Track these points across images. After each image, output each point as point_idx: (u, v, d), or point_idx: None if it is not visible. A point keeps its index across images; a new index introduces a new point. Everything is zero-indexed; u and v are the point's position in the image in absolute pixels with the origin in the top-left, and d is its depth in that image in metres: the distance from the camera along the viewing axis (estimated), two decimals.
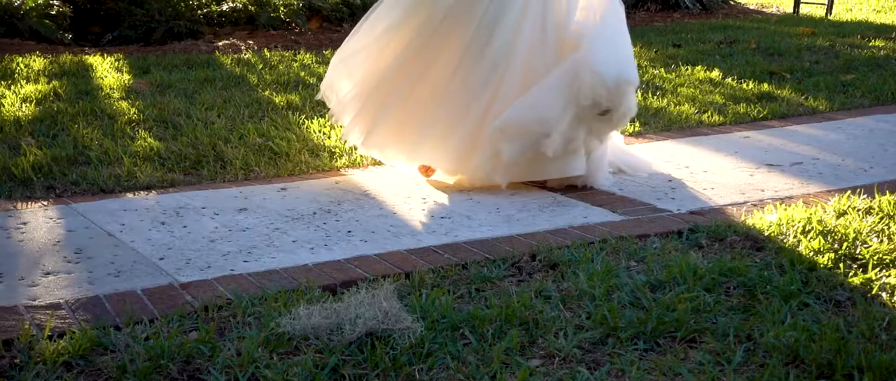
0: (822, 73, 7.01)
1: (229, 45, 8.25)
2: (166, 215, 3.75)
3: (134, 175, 4.25)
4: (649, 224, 3.67)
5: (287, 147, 4.73)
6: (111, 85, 6.12)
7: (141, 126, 5.09)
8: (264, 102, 5.74)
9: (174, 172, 4.36)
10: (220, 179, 4.32)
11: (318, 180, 4.31)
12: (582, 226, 3.66)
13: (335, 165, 4.57)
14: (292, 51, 7.91)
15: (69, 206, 3.85)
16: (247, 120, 5.29)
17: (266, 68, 6.95)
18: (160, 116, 5.28)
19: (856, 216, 3.67)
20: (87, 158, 4.50)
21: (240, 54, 7.64)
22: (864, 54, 7.84)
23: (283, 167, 4.47)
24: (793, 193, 4.13)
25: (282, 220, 3.71)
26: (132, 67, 6.86)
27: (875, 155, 4.76)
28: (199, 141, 4.80)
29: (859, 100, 6.04)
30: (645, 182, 4.27)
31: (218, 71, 6.73)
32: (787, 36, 9.01)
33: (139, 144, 4.73)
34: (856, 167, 4.54)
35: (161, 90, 6.03)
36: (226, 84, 6.25)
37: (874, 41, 8.66)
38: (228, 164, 4.48)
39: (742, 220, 3.66)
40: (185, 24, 8.63)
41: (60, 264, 3.20)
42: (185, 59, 7.27)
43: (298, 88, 6.20)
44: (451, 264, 3.21)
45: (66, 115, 5.26)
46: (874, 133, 5.22)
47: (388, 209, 3.88)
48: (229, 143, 4.79)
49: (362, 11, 9.51)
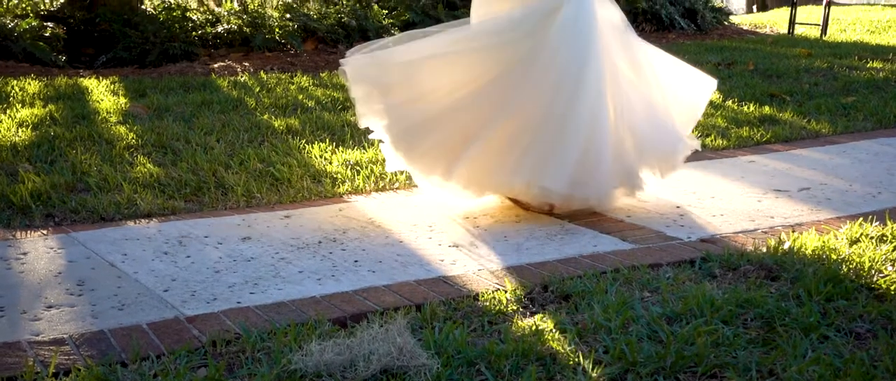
0: (822, 95, 6.98)
1: (225, 67, 8.20)
2: (169, 244, 3.69)
3: (134, 202, 4.19)
4: (660, 253, 3.62)
5: (289, 173, 4.67)
6: (108, 109, 6.06)
7: (139, 151, 5.03)
8: (263, 126, 5.68)
9: (175, 199, 4.29)
10: (222, 206, 4.26)
11: (321, 208, 4.25)
12: (592, 255, 3.60)
13: (337, 191, 4.51)
14: (289, 73, 7.86)
15: (69, 235, 3.79)
16: (246, 145, 5.23)
17: (263, 91, 6.90)
18: (159, 141, 5.22)
19: (869, 244, 3.62)
20: (86, 184, 4.44)
21: (236, 77, 7.59)
22: (862, 76, 7.82)
23: (286, 194, 4.41)
24: (803, 219, 4.08)
25: (287, 249, 3.65)
26: (128, 90, 6.80)
27: (882, 180, 4.71)
28: (199, 167, 4.74)
29: (862, 123, 6.01)
30: (652, 209, 4.21)
31: (215, 94, 6.68)
32: (785, 57, 8.99)
33: (138, 170, 4.66)
34: (864, 193, 4.50)
35: (158, 114, 5.97)
36: (223, 108, 6.19)
37: (872, 63, 8.64)
38: (230, 190, 4.42)
39: (754, 248, 3.61)
40: (180, 46, 8.58)
41: (63, 296, 3.13)
42: (182, 81, 7.22)
43: (297, 112, 6.14)
44: (462, 296, 3.15)
45: (64, 140, 5.19)
46: (879, 157, 5.18)
47: (394, 238, 3.81)
48: (230, 169, 4.73)
49: (357, 33, 9.52)
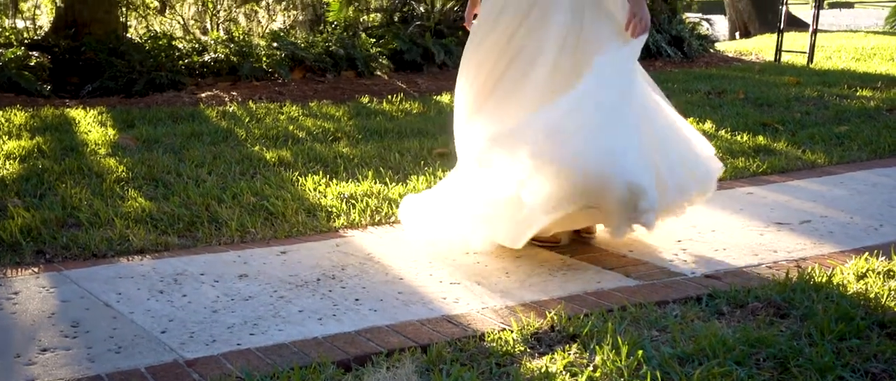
0: (814, 124, 6.96)
1: (213, 96, 8.13)
2: (164, 282, 3.60)
3: (126, 238, 4.10)
4: (666, 290, 3.56)
5: (283, 207, 4.60)
6: (96, 140, 5.98)
7: (130, 185, 4.95)
8: (255, 158, 5.61)
9: (168, 234, 4.21)
10: (216, 241, 4.17)
11: (317, 243, 4.17)
12: (596, 292, 3.54)
13: (333, 225, 4.44)
14: (277, 102, 7.80)
15: (61, 273, 3.70)
16: (238, 177, 5.16)
17: (253, 121, 6.83)
18: (149, 174, 5.14)
19: (876, 280, 3.57)
20: (76, 219, 4.35)
21: (224, 107, 7.51)
22: (853, 105, 7.81)
23: (280, 228, 4.34)
24: (806, 253, 4.03)
25: (285, 287, 3.57)
26: (116, 121, 6.71)
27: (883, 212, 4.68)
28: (191, 201, 4.66)
29: (856, 153, 5.98)
30: (653, 243, 4.15)
31: (204, 125, 6.60)
32: (774, 85, 8.99)
33: (130, 204, 4.58)
34: (865, 225, 4.46)
35: (148, 146, 5.89)
36: (213, 139, 6.12)
37: (861, 91, 8.64)
38: (223, 225, 4.34)
39: (761, 284, 3.56)
40: (167, 76, 8.50)
41: (57, 338, 3.04)
42: (170, 112, 7.14)
43: (288, 143, 6.07)
44: (467, 336, 3.08)
45: (52, 173, 5.11)
46: (877, 188, 5.15)
47: (395, 274, 3.74)
48: (223, 203, 4.65)
49: (345, 62, 9.47)
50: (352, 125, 6.75)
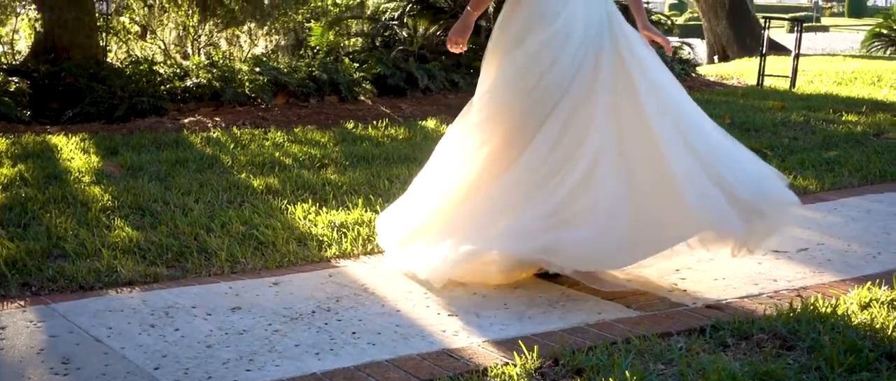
0: (802, 149, 6.94)
1: (195, 122, 8.04)
2: (155, 316, 3.51)
3: (114, 269, 4.01)
4: (668, 321, 3.50)
5: (273, 236, 4.52)
6: (80, 168, 5.88)
7: (116, 214, 4.85)
8: (242, 185, 5.53)
9: (157, 265, 4.12)
10: (206, 272, 4.09)
11: (310, 273, 4.09)
12: (598, 323, 3.48)
13: (325, 255, 4.36)
14: (262, 128, 7.71)
15: (49, 306, 3.60)
16: (226, 206, 5.07)
17: (238, 148, 6.75)
18: (135, 203, 5.04)
19: (881, 310, 3.52)
20: (62, 250, 4.26)
21: (208, 132, 7.43)
22: (840, 130, 7.80)
23: (271, 258, 4.25)
24: (807, 282, 3.98)
25: (280, 320, 3.49)
26: (99, 148, 6.62)
27: (880, 240, 4.64)
28: (179, 230, 4.57)
29: (848, 179, 5.96)
30: (651, 272, 4.09)
31: (188, 151, 6.51)
32: (759, 110, 8.98)
33: (116, 234, 4.49)
34: (863, 253, 4.42)
35: (132, 173, 5.80)
36: (199, 166, 6.03)
37: (846, 116, 8.64)
38: (213, 255, 4.26)
39: (764, 315, 3.50)
40: (149, 101, 8.40)
41: (47, 376, 2.95)
42: (153, 138, 7.05)
43: (275, 170, 5.99)
44: (469, 370, 3.01)
45: (36, 202, 5.00)
46: (872, 215, 5.12)
47: (391, 306, 3.67)
48: (211, 232, 4.57)
49: (328, 87, 9.39)
50: (338, 151, 6.68)
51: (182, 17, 10.94)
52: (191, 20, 11.02)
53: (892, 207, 5.29)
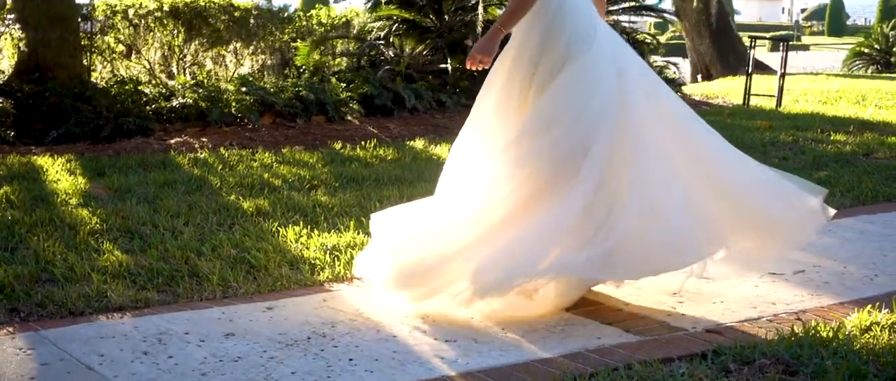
0: (793, 169, 6.87)
1: (182, 143, 7.97)
2: (148, 342, 3.45)
3: (105, 294, 3.94)
4: (668, 346, 3.46)
5: (265, 260, 4.46)
6: (66, 190, 5.81)
7: (105, 237, 4.78)
8: (232, 207, 5.47)
9: (147, 289, 4.05)
10: (198, 297, 4.03)
11: (304, 298, 4.04)
12: (598, 349, 3.43)
13: (318, 279, 4.30)
14: (249, 149, 7.66)
15: (38, 333, 3.54)
16: (216, 228, 5.01)
17: (226, 169, 6.69)
18: (124, 226, 4.98)
19: (882, 333, 3.49)
20: (51, 274, 4.18)
21: (195, 153, 7.36)
22: (829, 150, 7.80)
23: (264, 282, 4.19)
24: (805, 306, 3.95)
25: (275, 347, 3.43)
26: (85, 169, 6.55)
27: (876, 261, 4.62)
28: (169, 254, 4.51)
29: (840, 199, 5.94)
30: (649, 296, 4.05)
31: (176, 173, 6.45)
32: (747, 130, 8.97)
33: (106, 258, 4.42)
34: (860, 275, 4.39)
35: (120, 195, 5.73)
36: (188, 188, 5.96)
37: (835, 135, 8.65)
38: (205, 279, 4.19)
39: (765, 339, 3.47)
40: (134, 121, 8.32)
41: None
42: (140, 159, 6.98)
43: (265, 192, 5.93)
44: None
45: (23, 225, 4.93)
46: (866, 236, 5.10)
47: (387, 332, 3.61)
48: (202, 255, 4.51)
49: (315, 107, 9.34)
50: (327, 172, 6.63)
51: (167, 36, 10.87)
52: (176, 40, 10.95)
53: (887, 228, 5.28)
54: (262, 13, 11.63)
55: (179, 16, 10.74)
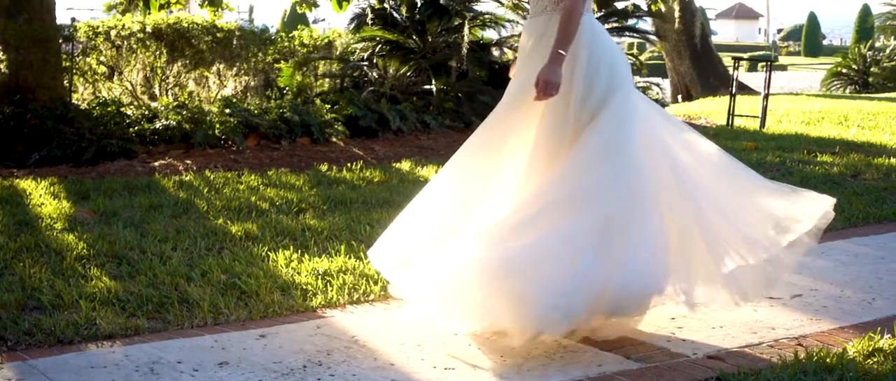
0: None
1: (166, 165, 7.89)
2: (140, 372, 3.38)
3: (94, 322, 3.87)
4: (671, 373, 3.42)
5: (256, 286, 4.38)
6: (51, 214, 5.72)
7: (92, 263, 4.70)
8: (220, 231, 5.39)
9: (137, 317, 3.98)
10: (189, 324, 3.95)
11: (297, 325, 3.97)
12: (600, 376, 3.38)
13: (310, 305, 4.23)
14: (234, 171, 7.58)
15: (27, 362, 3.46)
16: (205, 253, 4.94)
17: (212, 192, 6.61)
18: (111, 251, 4.89)
19: (886, 360, 3.45)
20: (38, 302, 4.10)
21: (180, 176, 7.28)
22: (817, 171, 7.79)
23: (255, 309, 4.12)
24: (805, 331, 3.91)
25: (270, 376, 3.36)
26: (69, 193, 6.46)
27: (872, 285, 4.59)
28: (158, 280, 4.43)
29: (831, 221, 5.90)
30: (648, 318, 3.99)
31: (162, 196, 6.37)
32: (734, 150, 8.92)
33: (94, 284, 4.34)
34: (858, 299, 4.36)
35: (105, 219, 5.65)
36: (174, 212, 5.89)
37: (821, 156, 8.65)
38: (195, 306, 4.12)
39: (769, 366, 3.42)
40: (118, 143, 8.23)
41: None
42: (125, 182, 6.90)
43: (252, 215, 5.85)
44: None
45: (8, 251, 4.85)
46: (860, 259, 5.07)
47: (385, 359, 3.55)
48: (192, 281, 4.43)
49: (300, 128, 9.27)
50: (315, 195, 6.56)
51: (150, 57, 10.79)
52: (158, 61, 10.87)
53: (880, 250, 5.25)
54: (244, 34, 11.55)
55: (162, 37, 10.66)
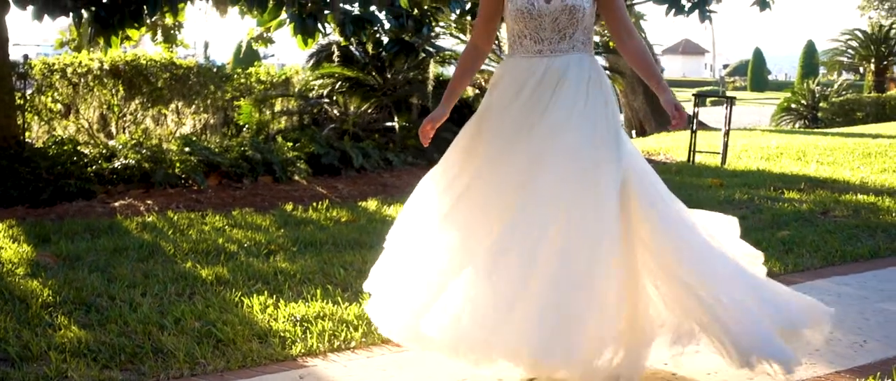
0: (754, 229, 6.85)
1: (127, 205, 7.70)
2: None
3: (65, 374, 3.70)
4: None
5: (232, 333, 4.22)
6: (12, 259, 5.52)
7: (59, 310, 4.51)
8: (189, 276, 5.22)
9: (111, 368, 3.81)
10: (165, 375, 3.79)
11: (278, 375, 3.82)
12: None
13: (290, 353, 4.08)
14: (198, 212, 7.40)
15: None
16: (176, 299, 4.77)
17: (177, 234, 6.43)
18: (78, 298, 4.71)
19: None
20: (5, 353, 3.92)
21: (143, 217, 7.09)
22: (786, 208, 7.77)
23: (233, 358, 3.96)
24: (802, 375, 3.83)
25: None
26: (29, 236, 6.25)
27: (861, 326, 4.53)
28: (130, 328, 4.26)
29: (809, 260, 5.88)
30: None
31: (126, 238, 6.18)
32: (699, 188, 8.94)
33: (63, 334, 4.16)
34: (850, 342, 4.29)
35: (70, 264, 5.46)
36: (140, 255, 5.71)
37: (788, 193, 8.64)
38: (170, 356, 3.95)
39: None
40: (76, 183, 8.03)
41: None
42: (86, 224, 6.70)
43: (221, 258, 5.69)
44: None
45: None
46: (844, 299, 5.02)
47: None
48: (165, 329, 4.26)
49: (262, 167, 9.12)
50: (283, 236, 6.40)
51: (107, 95, 10.59)
52: (115, 98, 10.67)
53: (862, 290, 5.21)
54: (202, 71, 11.40)
55: (119, 74, 10.47)
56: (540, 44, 3.79)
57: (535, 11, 3.74)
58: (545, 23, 3.76)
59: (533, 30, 3.77)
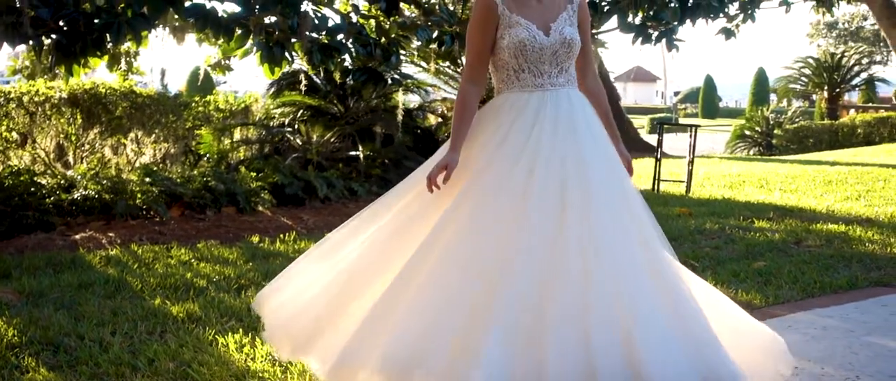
0: (729, 260, 6.81)
1: (88, 238, 7.49)
2: None
3: None
4: None
5: (209, 374, 4.07)
6: None
7: (25, 352, 4.33)
8: (159, 313, 5.05)
9: None
10: None
11: None
12: None
13: None
14: (162, 244, 7.22)
15: None
16: (147, 338, 4.60)
17: (143, 268, 6.25)
18: (45, 337, 4.52)
19: None
20: None
21: (106, 251, 6.89)
22: (758, 238, 7.72)
23: None
24: None
25: None
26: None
27: (851, 361, 4.45)
28: (102, 370, 4.09)
29: (788, 291, 5.81)
30: None
31: (90, 273, 5.99)
32: (668, 217, 8.88)
33: (31, 377, 3.98)
34: (841, 377, 4.21)
35: (33, 301, 5.26)
36: (106, 291, 5.52)
37: (758, 222, 8.61)
38: None
39: None
40: (34, 215, 7.83)
41: None
42: (47, 258, 6.49)
43: (190, 294, 5.52)
44: None
45: None
46: (830, 332, 4.94)
47: None
48: (138, 371, 4.10)
49: (225, 198, 8.94)
50: (252, 270, 6.24)
51: (65, 124, 10.36)
52: (72, 127, 10.44)
53: (846, 322, 5.14)
54: (161, 99, 11.20)
55: (78, 103, 10.26)
56: (540, 77, 3.71)
57: (537, 45, 3.66)
58: (545, 57, 3.69)
59: (533, 64, 3.70)
